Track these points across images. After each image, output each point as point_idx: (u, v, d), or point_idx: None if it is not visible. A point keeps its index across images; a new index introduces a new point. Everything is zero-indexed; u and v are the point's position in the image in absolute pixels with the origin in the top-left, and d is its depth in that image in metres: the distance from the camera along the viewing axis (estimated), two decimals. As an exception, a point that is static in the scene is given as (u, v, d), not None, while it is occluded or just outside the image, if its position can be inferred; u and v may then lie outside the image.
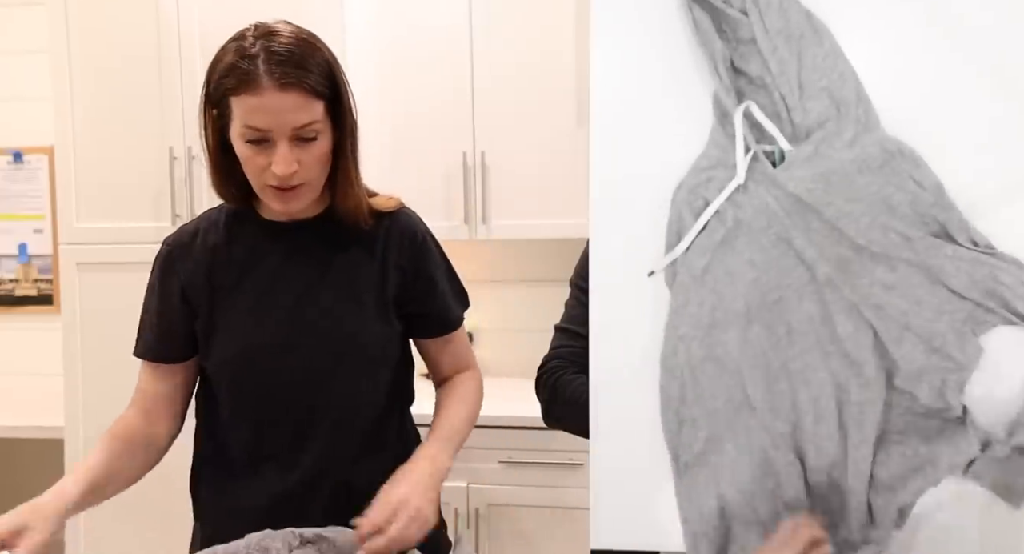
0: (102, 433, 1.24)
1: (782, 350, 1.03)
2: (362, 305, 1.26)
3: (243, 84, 1.11)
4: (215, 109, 1.17)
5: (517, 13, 2.41)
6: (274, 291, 1.24)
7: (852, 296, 1.02)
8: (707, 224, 1.05)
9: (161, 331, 1.27)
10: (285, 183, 1.15)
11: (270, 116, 1.11)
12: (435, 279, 1.33)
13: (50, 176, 2.86)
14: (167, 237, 1.30)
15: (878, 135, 1.03)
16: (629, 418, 1.08)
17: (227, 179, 1.24)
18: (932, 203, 1.02)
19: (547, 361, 1.32)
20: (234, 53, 1.13)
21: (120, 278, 2.35)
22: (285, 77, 1.10)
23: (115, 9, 2.39)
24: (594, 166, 1.09)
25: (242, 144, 1.15)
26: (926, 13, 1.03)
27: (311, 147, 1.15)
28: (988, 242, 1.01)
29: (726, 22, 1.04)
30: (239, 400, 1.25)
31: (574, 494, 2.18)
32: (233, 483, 1.26)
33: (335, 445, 1.25)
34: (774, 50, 1.00)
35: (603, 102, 1.09)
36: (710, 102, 1.07)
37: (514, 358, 2.63)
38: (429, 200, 2.42)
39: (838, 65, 1.02)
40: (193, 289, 1.25)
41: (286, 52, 1.12)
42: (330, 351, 1.24)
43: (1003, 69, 1.02)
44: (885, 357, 1.01)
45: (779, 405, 1.03)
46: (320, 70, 1.14)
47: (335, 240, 1.27)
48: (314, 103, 1.13)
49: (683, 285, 1.05)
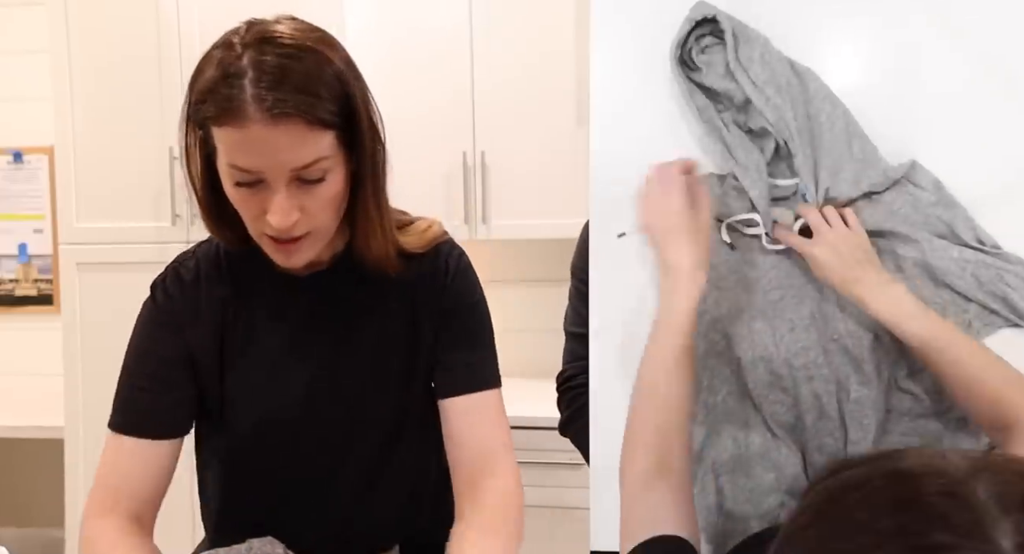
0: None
1: (785, 346, 1.03)
2: (390, 370, 1.07)
3: (225, 113, 0.85)
4: (200, 130, 0.92)
5: (517, 14, 2.41)
6: (291, 358, 1.05)
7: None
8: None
9: (159, 397, 1.02)
10: (285, 235, 0.92)
11: (260, 156, 0.86)
12: (458, 337, 1.08)
13: (50, 176, 2.86)
14: (161, 282, 1.07)
15: (881, 167, 1.03)
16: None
17: (220, 217, 0.99)
18: (934, 202, 1.01)
19: (569, 375, 1.30)
20: (216, 66, 0.88)
21: (120, 278, 2.35)
22: (279, 105, 0.83)
23: (115, 9, 2.39)
24: (594, 166, 1.09)
25: (231, 186, 0.91)
26: (926, 13, 1.03)
27: (317, 190, 0.91)
28: (995, 242, 1.01)
29: (724, 97, 1.05)
30: (252, 477, 1.08)
31: (574, 494, 2.18)
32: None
33: (357, 520, 1.10)
34: (767, 100, 1.01)
35: (603, 102, 1.09)
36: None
37: (514, 358, 2.61)
38: (429, 200, 2.42)
39: (825, 107, 1.03)
40: (202, 352, 1.03)
41: (280, 67, 0.85)
42: (352, 426, 1.07)
43: (1003, 69, 1.02)
44: (888, 356, 1.01)
45: (781, 400, 1.03)
46: (329, 91, 0.88)
47: (358, 291, 1.06)
48: (319, 135, 0.88)
49: None
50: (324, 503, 1.09)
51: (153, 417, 1.02)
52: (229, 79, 0.85)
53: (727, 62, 1.03)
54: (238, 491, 1.11)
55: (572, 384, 1.30)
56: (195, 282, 1.05)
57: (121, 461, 1.02)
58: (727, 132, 1.03)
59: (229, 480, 1.12)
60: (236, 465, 1.10)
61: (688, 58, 1.06)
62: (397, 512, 1.13)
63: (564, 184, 2.37)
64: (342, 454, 1.08)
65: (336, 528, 1.10)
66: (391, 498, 1.12)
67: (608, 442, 1.08)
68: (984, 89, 1.03)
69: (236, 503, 1.12)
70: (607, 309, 1.09)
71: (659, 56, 1.07)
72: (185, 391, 1.04)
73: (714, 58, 1.05)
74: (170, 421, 1.03)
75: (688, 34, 1.05)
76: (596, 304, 1.09)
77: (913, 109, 1.04)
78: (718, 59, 1.04)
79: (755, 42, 1.02)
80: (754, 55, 1.01)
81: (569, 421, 1.30)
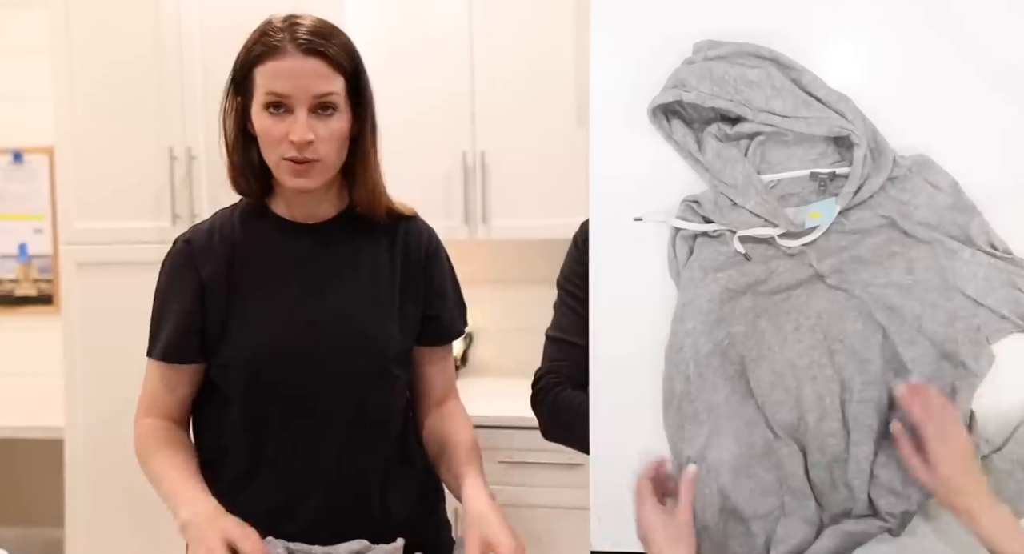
0: (151, 443, 1.22)
1: (789, 346, 1.03)
2: (380, 305, 1.26)
3: (268, 51, 1.15)
4: (239, 96, 1.20)
5: (517, 14, 2.41)
6: (291, 292, 1.23)
7: (864, 295, 1.01)
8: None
9: (182, 330, 1.23)
10: (301, 153, 1.15)
11: (292, 80, 1.14)
12: (444, 287, 1.34)
13: (50, 176, 2.86)
14: (181, 235, 1.28)
15: (890, 153, 1.02)
16: (629, 418, 1.08)
17: (244, 170, 1.24)
18: (950, 204, 1.01)
19: (541, 376, 1.31)
20: (261, 33, 1.17)
21: (120, 278, 2.35)
22: (309, 44, 1.14)
23: (115, 9, 2.39)
24: (594, 166, 1.09)
25: (263, 117, 1.16)
26: (927, 13, 1.03)
27: (328, 122, 1.16)
28: (1007, 247, 1.00)
29: (706, 110, 1.05)
30: (248, 402, 1.22)
31: (574, 494, 2.17)
32: (235, 487, 1.22)
33: (351, 449, 1.24)
34: (771, 116, 1.01)
35: (603, 102, 1.09)
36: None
37: (514, 358, 2.62)
38: (429, 200, 2.40)
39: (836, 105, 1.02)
40: (214, 286, 1.22)
41: (312, 27, 1.16)
42: (348, 353, 1.23)
43: (1004, 69, 1.02)
44: (894, 359, 1.01)
45: (783, 399, 1.03)
46: (343, 48, 1.18)
47: (353, 241, 1.27)
48: (335, 75, 1.16)
49: (692, 280, 1.04)
50: (317, 436, 1.22)
51: (179, 344, 1.23)
52: (272, 34, 1.16)
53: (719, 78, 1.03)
54: (228, 430, 1.24)
55: (541, 385, 1.31)
56: (209, 231, 1.27)
57: (150, 382, 1.27)
58: (706, 157, 1.03)
59: (225, 413, 1.24)
60: (232, 394, 1.23)
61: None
62: (391, 450, 1.29)
63: (564, 184, 2.37)
64: (342, 381, 1.22)
65: (326, 465, 1.23)
66: (383, 436, 1.27)
67: (608, 442, 1.08)
68: (986, 89, 1.02)
69: (226, 443, 1.25)
70: (607, 309, 1.09)
71: (659, 56, 1.07)
72: (203, 322, 1.23)
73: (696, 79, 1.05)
74: (193, 347, 1.23)
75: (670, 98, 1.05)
76: (596, 303, 1.09)
77: (916, 110, 1.04)
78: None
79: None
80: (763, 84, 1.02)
81: (549, 422, 1.31)
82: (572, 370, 1.24)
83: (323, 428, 1.23)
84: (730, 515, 1.02)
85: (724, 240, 1.05)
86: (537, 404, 1.32)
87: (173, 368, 1.24)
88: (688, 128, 1.05)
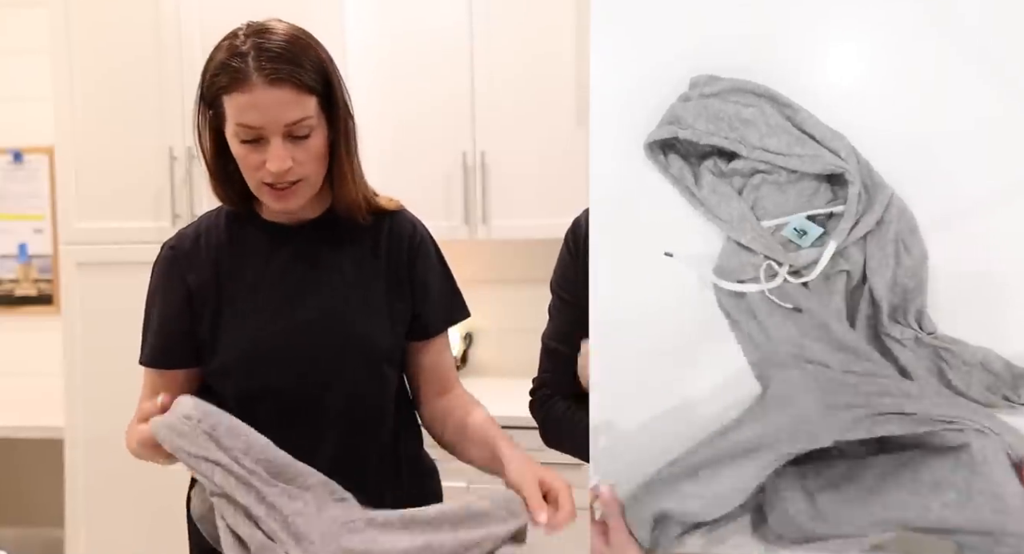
0: (132, 424, 1.17)
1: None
2: (368, 304, 1.26)
3: (234, 82, 1.11)
4: (211, 110, 1.18)
5: (517, 13, 2.41)
6: (279, 293, 1.23)
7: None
8: None
9: (169, 336, 1.24)
10: (280, 180, 1.15)
11: (261, 112, 1.11)
12: (428, 281, 1.32)
13: (50, 176, 2.87)
14: (167, 241, 1.28)
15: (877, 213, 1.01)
16: (628, 418, 1.08)
17: (225, 182, 1.23)
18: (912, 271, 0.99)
19: (536, 387, 1.34)
20: (225, 51, 1.13)
21: (120, 278, 2.35)
22: (275, 73, 1.10)
23: (115, 9, 2.39)
24: (594, 166, 1.09)
25: (237, 144, 1.14)
26: (926, 13, 1.03)
27: (305, 144, 1.15)
28: (935, 328, 0.98)
29: (737, 158, 1.04)
30: (242, 404, 1.20)
31: (574, 494, 2.18)
32: None
33: (345, 447, 1.24)
34: (770, 157, 1.01)
35: (603, 102, 1.09)
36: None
37: (514, 358, 2.62)
38: (429, 200, 2.42)
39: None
40: (202, 292, 1.23)
41: (277, 49, 1.11)
42: (338, 352, 1.23)
43: (1004, 69, 1.02)
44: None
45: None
46: (312, 66, 1.14)
47: (338, 240, 1.27)
48: (305, 99, 1.13)
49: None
50: (311, 435, 1.21)
51: (167, 350, 1.24)
52: (236, 58, 1.11)
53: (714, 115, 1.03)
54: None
55: (536, 396, 1.33)
56: (195, 237, 1.27)
57: (144, 389, 1.27)
58: (702, 192, 1.03)
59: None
60: (227, 399, 1.21)
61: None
62: (386, 446, 1.29)
63: (564, 184, 2.37)
64: (334, 382, 1.23)
65: (321, 464, 1.16)
66: (377, 433, 1.28)
67: (608, 442, 1.08)
68: (985, 89, 1.02)
69: None
70: (607, 309, 1.09)
71: (659, 55, 1.07)
72: (192, 328, 1.23)
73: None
74: (182, 353, 1.24)
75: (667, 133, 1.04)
76: (596, 302, 1.09)
77: (913, 109, 1.04)
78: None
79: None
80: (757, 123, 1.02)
81: (544, 431, 1.33)
82: (558, 383, 1.27)
83: (317, 428, 1.23)
84: (728, 514, 1.01)
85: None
86: (534, 415, 1.34)
87: (161, 373, 1.25)
88: (684, 162, 1.06)
